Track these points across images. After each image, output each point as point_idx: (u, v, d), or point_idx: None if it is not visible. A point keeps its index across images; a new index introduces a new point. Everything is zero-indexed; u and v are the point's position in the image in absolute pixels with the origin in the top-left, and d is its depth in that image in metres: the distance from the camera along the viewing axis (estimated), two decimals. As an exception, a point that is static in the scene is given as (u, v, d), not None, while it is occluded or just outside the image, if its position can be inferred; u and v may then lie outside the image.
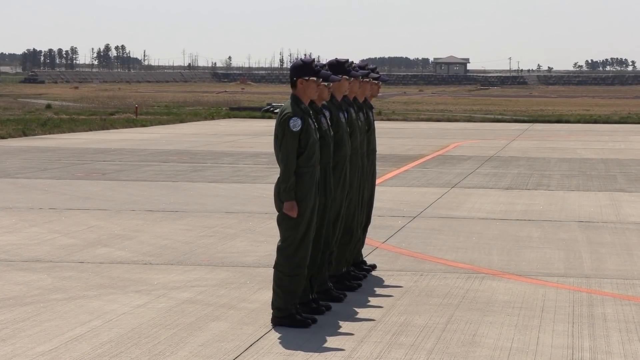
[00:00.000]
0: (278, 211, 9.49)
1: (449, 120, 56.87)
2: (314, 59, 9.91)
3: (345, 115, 10.52)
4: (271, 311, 9.54)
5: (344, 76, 10.50)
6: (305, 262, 9.49)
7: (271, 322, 9.50)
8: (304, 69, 9.56)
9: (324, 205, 9.70)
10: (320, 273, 9.95)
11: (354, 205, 10.87)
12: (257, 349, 8.69)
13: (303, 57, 9.96)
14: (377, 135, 12.15)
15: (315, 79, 9.55)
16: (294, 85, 9.57)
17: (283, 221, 9.44)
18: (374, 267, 12.20)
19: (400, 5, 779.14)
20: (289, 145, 9.26)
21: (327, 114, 10.06)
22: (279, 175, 9.37)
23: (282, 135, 9.32)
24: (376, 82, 11.96)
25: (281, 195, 9.32)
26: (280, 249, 9.53)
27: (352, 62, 10.97)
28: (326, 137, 9.78)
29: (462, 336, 9.18)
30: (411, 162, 28.30)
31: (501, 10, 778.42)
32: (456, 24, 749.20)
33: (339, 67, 10.40)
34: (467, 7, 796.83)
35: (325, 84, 9.82)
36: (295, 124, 9.28)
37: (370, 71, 11.65)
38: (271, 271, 11.94)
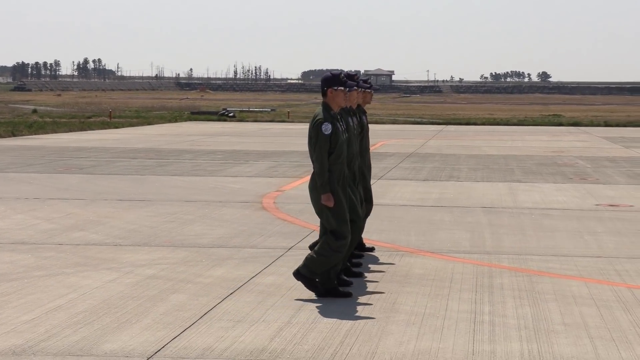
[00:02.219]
0: (314, 203, 9.49)
1: (376, 122, 56.82)
2: (341, 71, 9.90)
3: (343, 125, 10.38)
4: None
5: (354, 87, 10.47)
6: (347, 243, 9.45)
7: (293, 274, 9.53)
8: (333, 80, 9.60)
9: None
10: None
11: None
12: (211, 316, 8.64)
13: (332, 71, 9.86)
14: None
15: (342, 88, 9.58)
16: (324, 94, 9.60)
17: (323, 212, 9.42)
18: (372, 249, 12.05)
19: (336, 25, 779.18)
20: (322, 146, 9.31)
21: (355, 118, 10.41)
22: (313, 172, 9.39)
23: (315, 138, 9.35)
24: (369, 90, 11.92)
25: (319, 188, 9.33)
26: (330, 232, 9.40)
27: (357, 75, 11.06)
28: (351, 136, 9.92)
29: (384, 304, 9.19)
30: (344, 158, 28.25)
31: (421, 30, 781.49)
32: (383, 41, 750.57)
33: (350, 79, 10.30)
34: (392, 26, 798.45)
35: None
36: (327, 128, 9.32)
37: (363, 82, 11.63)
38: (224, 250, 12.09)
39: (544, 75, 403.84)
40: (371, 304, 9.18)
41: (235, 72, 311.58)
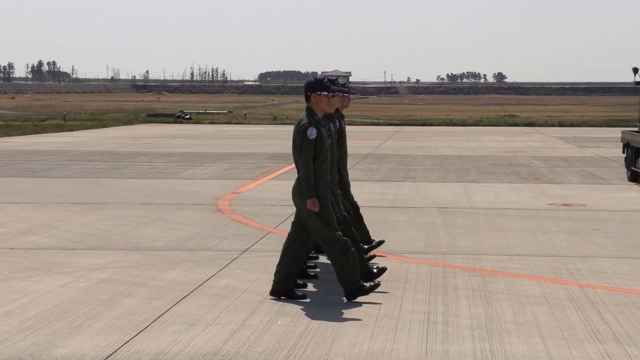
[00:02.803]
0: (298, 209, 9.51)
1: (333, 124, 56.88)
2: (324, 76, 9.84)
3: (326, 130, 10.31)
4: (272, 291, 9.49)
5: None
6: (345, 239, 9.38)
7: (347, 299, 9.36)
8: (316, 85, 9.58)
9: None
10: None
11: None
12: (164, 320, 8.59)
13: (315, 76, 9.83)
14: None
15: (326, 93, 9.56)
16: (308, 99, 9.57)
17: (311, 218, 9.37)
18: (382, 242, 11.90)
19: (293, 26, 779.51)
20: (307, 151, 9.28)
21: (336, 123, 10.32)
22: (298, 177, 9.38)
23: (300, 143, 9.32)
24: (347, 95, 11.88)
25: (304, 193, 9.29)
26: (323, 241, 9.38)
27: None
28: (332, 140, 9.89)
29: (338, 305, 9.19)
30: (300, 159, 28.21)
31: (378, 31, 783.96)
32: (341, 42, 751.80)
33: (331, 84, 10.24)
34: (350, 27, 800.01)
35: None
36: (312, 133, 9.29)
37: (342, 86, 11.58)
38: (178, 253, 12.03)
39: (500, 76, 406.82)
40: (326, 306, 9.18)
41: (192, 74, 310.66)
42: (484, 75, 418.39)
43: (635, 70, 22.71)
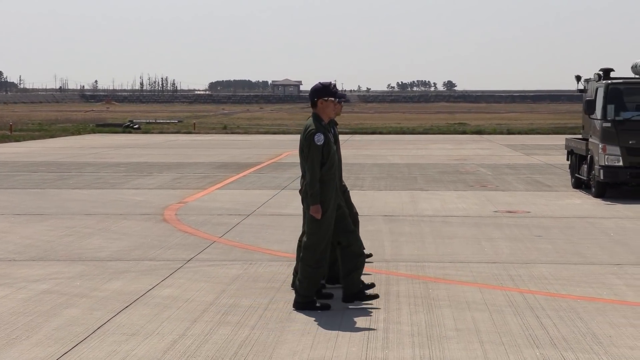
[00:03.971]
0: (305, 211, 9.52)
1: (283, 132, 56.99)
2: (331, 82, 9.79)
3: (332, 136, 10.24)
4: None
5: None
6: (326, 256, 9.46)
7: (294, 307, 9.40)
8: (323, 91, 9.59)
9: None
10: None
11: None
12: (104, 330, 8.56)
13: (322, 81, 9.76)
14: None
15: (333, 99, 9.56)
16: (314, 105, 9.56)
17: (311, 222, 9.39)
18: (369, 255, 11.90)
19: (244, 35, 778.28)
20: (314, 157, 9.29)
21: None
22: (305, 182, 9.38)
23: (308, 149, 9.32)
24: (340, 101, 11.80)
25: (308, 199, 9.30)
26: (305, 246, 9.43)
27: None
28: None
29: (280, 314, 9.23)
30: (249, 168, 28.24)
31: (328, 40, 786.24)
32: (291, 51, 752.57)
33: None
34: (299, 37, 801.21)
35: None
36: (319, 139, 9.31)
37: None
38: (122, 263, 11.97)
39: (450, 85, 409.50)
40: (268, 314, 9.20)
41: (142, 84, 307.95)
42: (434, 83, 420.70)
43: (578, 78, 23.02)
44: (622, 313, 9.30)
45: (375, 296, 9.65)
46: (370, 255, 11.93)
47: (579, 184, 21.97)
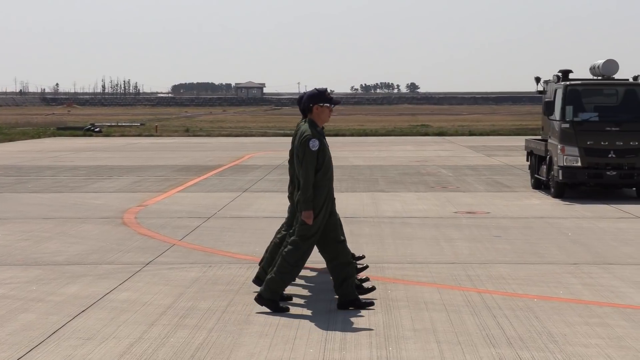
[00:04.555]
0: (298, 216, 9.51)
1: (246, 135, 56.86)
2: (326, 88, 9.79)
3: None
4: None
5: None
6: (305, 259, 9.46)
7: (255, 300, 9.39)
8: (319, 97, 9.60)
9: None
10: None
11: None
12: (60, 335, 8.51)
13: (317, 87, 9.76)
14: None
15: (329, 105, 9.54)
16: (309, 110, 9.55)
17: (300, 227, 9.38)
18: (362, 257, 11.87)
19: (206, 37, 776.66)
20: (308, 162, 9.27)
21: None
22: (299, 188, 9.38)
23: (302, 155, 9.30)
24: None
25: (300, 205, 9.28)
26: (292, 242, 9.42)
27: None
28: None
29: (239, 316, 9.22)
30: (211, 171, 28.17)
31: (291, 42, 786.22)
32: (254, 54, 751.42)
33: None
34: (263, 39, 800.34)
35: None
36: (314, 145, 9.30)
37: None
38: (80, 267, 11.89)
39: (413, 87, 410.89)
40: (226, 317, 9.19)
41: (104, 87, 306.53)
42: (397, 85, 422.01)
43: (537, 79, 23.22)
44: (577, 312, 9.39)
45: (371, 303, 9.60)
46: (362, 257, 11.89)
47: (538, 185, 22.15)
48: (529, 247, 13.60)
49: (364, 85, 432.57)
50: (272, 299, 9.39)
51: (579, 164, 19.85)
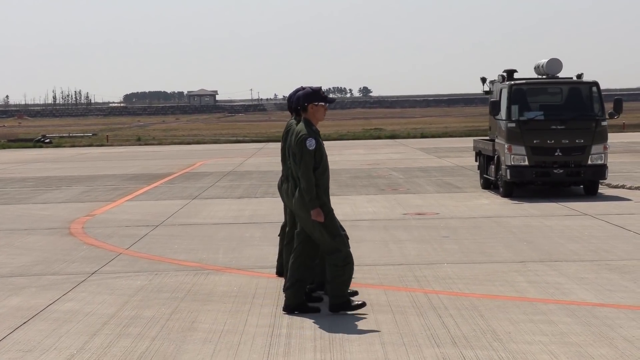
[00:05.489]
0: (303, 223, 9.37)
1: (198, 142, 56.64)
2: (320, 87, 9.73)
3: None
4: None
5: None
6: (349, 251, 9.33)
7: (330, 310, 9.29)
8: (314, 95, 9.55)
9: None
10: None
11: None
12: (1, 347, 8.35)
13: (312, 86, 9.71)
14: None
15: (324, 103, 9.48)
16: (304, 109, 9.48)
17: (315, 228, 9.28)
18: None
19: (157, 46, 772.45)
20: (307, 162, 9.23)
21: None
22: (299, 188, 9.29)
23: (300, 154, 9.23)
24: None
25: (307, 205, 9.20)
26: (326, 252, 9.33)
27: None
28: None
29: (183, 324, 9.12)
30: (161, 179, 27.97)
31: (243, 49, 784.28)
32: (205, 62, 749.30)
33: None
34: (214, 46, 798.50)
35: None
36: (311, 144, 9.25)
37: None
38: (23, 279, 11.72)
39: (365, 90, 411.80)
40: (170, 324, 9.09)
41: (55, 98, 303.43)
42: (350, 89, 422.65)
43: (483, 80, 23.33)
44: (522, 309, 9.41)
45: (317, 309, 9.51)
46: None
47: (487, 185, 22.25)
48: (477, 246, 13.64)
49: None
50: (342, 302, 9.30)
51: (526, 162, 19.97)
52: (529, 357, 7.69)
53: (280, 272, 10.85)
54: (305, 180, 9.26)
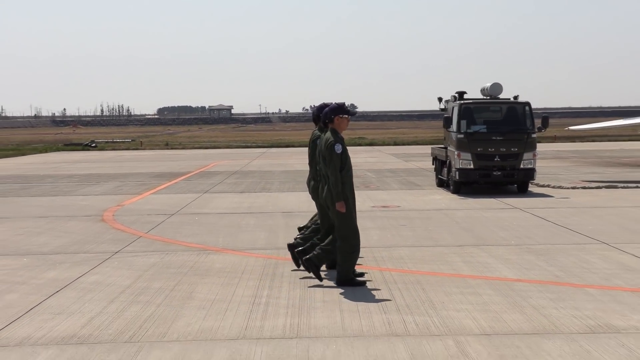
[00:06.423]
0: (330, 210, 9.44)
1: (214, 147, 56.53)
2: (344, 102, 9.73)
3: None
4: None
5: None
6: (358, 243, 9.35)
7: (336, 284, 9.31)
8: (339, 109, 9.56)
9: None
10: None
11: None
12: (35, 311, 8.38)
13: (337, 102, 9.73)
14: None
15: (347, 116, 9.46)
16: (331, 121, 9.50)
17: (337, 217, 9.30)
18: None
19: (184, 68, 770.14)
20: (335, 163, 9.27)
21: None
22: (327, 185, 9.35)
23: (329, 157, 9.26)
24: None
25: (334, 198, 9.23)
26: (340, 236, 9.34)
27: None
28: None
29: (183, 293, 9.13)
30: (180, 177, 27.93)
31: (253, 72, 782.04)
32: (224, 81, 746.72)
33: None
34: (230, 70, 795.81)
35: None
36: (338, 148, 9.30)
37: None
38: (60, 256, 11.72)
39: (352, 106, 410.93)
40: (173, 294, 9.10)
41: (102, 110, 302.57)
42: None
43: (439, 99, 23.33)
44: (455, 284, 9.44)
45: (363, 283, 9.46)
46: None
47: (441, 183, 22.28)
48: (427, 233, 13.65)
49: (312, 105, 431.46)
50: (346, 279, 9.32)
51: (472, 166, 20.00)
52: (455, 321, 7.73)
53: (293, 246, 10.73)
54: (333, 177, 9.31)
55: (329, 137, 9.47)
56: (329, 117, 9.60)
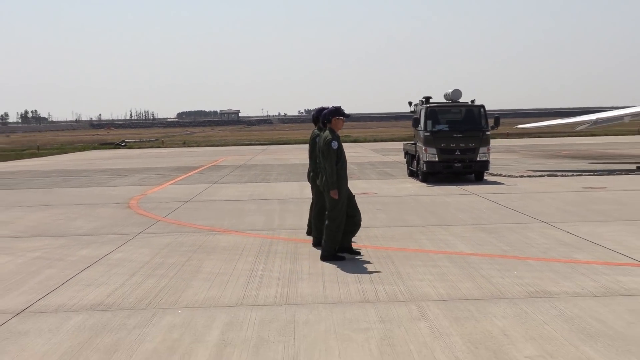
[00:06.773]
0: (326, 196, 9.38)
1: (224, 145, 56.37)
2: (340, 105, 9.66)
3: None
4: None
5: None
6: (343, 223, 9.30)
7: (321, 259, 9.25)
8: (337, 112, 9.49)
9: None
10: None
11: None
12: (69, 283, 8.35)
13: (335, 105, 9.64)
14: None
15: (343, 117, 9.43)
16: (329, 121, 9.45)
17: (330, 201, 9.28)
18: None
19: (199, 77, 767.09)
20: (331, 157, 9.21)
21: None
22: (325, 176, 9.25)
23: (327, 152, 9.21)
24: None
25: (329, 186, 9.20)
26: (329, 217, 9.29)
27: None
28: None
29: (192, 268, 9.09)
30: (194, 170, 27.86)
31: (257, 80, 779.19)
32: (232, 88, 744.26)
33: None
34: (238, 78, 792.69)
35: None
36: (334, 144, 9.23)
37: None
38: (92, 237, 11.66)
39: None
40: (185, 268, 9.07)
41: (131, 115, 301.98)
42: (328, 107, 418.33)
43: (410, 103, 23.29)
44: (420, 258, 9.42)
45: (358, 252, 9.55)
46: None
47: (412, 174, 22.26)
48: (399, 215, 13.62)
49: (307, 109, 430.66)
50: (329, 254, 9.27)
51: (437, 159, 19.98)
52: (418, 289, 7.73)
53: (309, 233, 10.78)
54: (329, 169, 9.26)
55: (327, 135, 9.44)
56: (328, 118, 9.58)
